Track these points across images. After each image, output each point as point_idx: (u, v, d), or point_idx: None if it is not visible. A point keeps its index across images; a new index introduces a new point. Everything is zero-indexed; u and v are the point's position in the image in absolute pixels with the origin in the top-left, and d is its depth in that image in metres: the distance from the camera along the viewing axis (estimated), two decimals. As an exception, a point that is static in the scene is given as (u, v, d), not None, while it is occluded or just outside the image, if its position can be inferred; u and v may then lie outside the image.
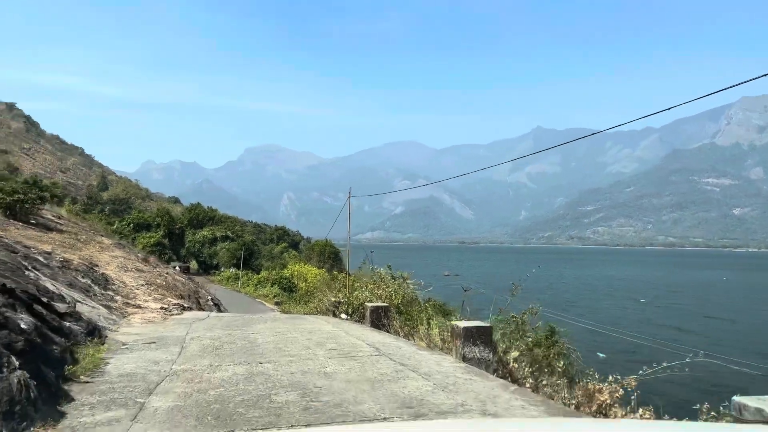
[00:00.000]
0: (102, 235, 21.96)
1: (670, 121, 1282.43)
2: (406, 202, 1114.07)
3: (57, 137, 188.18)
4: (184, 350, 7.34)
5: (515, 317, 8.05)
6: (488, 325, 6.69)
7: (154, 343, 7.89)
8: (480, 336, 6.41)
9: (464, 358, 6.41)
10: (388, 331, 10.31)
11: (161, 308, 13.25)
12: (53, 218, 21.85)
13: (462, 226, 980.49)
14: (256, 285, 55.78)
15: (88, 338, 7.24)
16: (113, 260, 17.04)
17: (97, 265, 15.15)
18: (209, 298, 22.65)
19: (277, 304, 39.97)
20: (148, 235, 64.92)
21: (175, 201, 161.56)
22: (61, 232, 18.92)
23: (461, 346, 6.44)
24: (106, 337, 7.94)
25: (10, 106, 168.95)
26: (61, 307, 7.45)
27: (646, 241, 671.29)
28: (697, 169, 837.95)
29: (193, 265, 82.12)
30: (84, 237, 19.37)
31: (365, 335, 9.21)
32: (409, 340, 9.35)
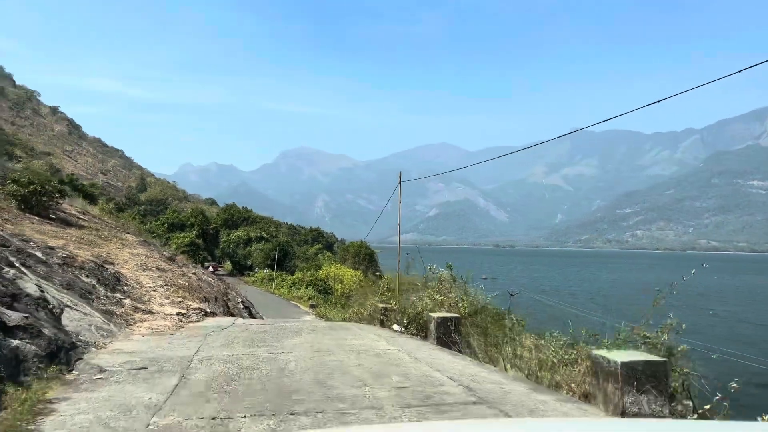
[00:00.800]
0: (128, 233, 20.30)
1: (712, 122, 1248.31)
2: (439, 205, 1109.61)
3: (98, 140, 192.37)
4: (182, 384, 5.02)
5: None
6: (662, 360, 4.12)
7: (145, 368, 5.62)
8: (650, 378, 3.90)
9: (623, 413, 3.89)
10: (460, 350, 7.84)
11: (177, 314, 11.25)
12: (77, 214, 20.20)
13: (496, 228, 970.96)
14: (291, 286, 54.11)
15: (46, 363, 5.01)
16: (133, 258, 15.24)
17: (111, 263, 13.29)
18: (239, 300, 21.08)
19: (312, 306, 38.02)
20: (182, 235, 64.23)
21: (212, 203, 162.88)
22: (81, 227, 17.24)
23: (618, 392, 3.93)
24: (80, 359, 5.69)
25: (54, 110, 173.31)
26: (12, 318, 5.25)
27: (687, 245, 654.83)
28: (741, 171, 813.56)
29: (227, 265, 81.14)
30: (106, 233, 17.67)
31: (438, 360, 6.79)
32: (493, 366, 6.86)
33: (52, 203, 18.17)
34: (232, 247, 71.83)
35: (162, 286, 13.29)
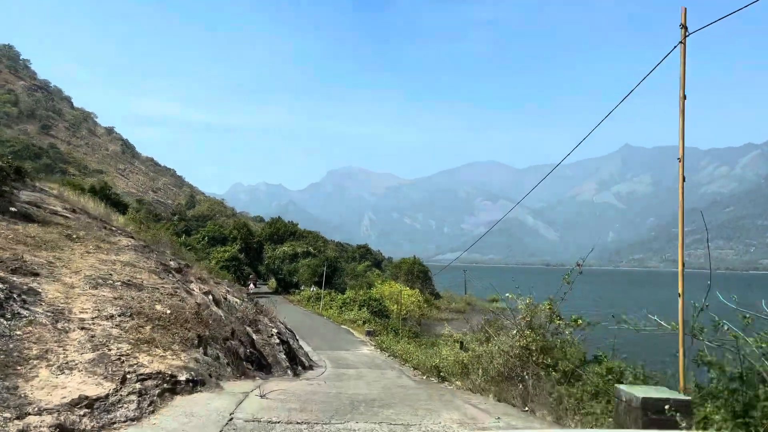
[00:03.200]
0: (125, 235, 15.62)
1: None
2: (487, 223, 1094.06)
3: (151, 159, 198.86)
4: None
5: None
6: None
7: None
8: None
9: None
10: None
11: (83, 401, 5.54)
12: (62, 210, 15.41)
13: (546, 247, 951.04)
14: (341, 307, 48.32)
15: None
16: (95, 267, 10.62)
17: (35, 274, 8.85)
18: (273, 333, 16.02)
19: (369, 334, 32.58)
20: (222, 249, 61.64)
21: (260, 220, 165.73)
22: (48, 224, 12.81)
23: None
24: None
25: (109, 130, 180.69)
26: None
27: (749, 265, 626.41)
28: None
29: (272, 283, 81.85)
30: (83, 233, 13.09)
31: None
32: None
33: (6, 188, 13.59)
34: (277, 263, 71.65)
35: (113, 316, 8.21)
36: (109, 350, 7.05)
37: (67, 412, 5.29)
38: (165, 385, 6.69)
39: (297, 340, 20.26)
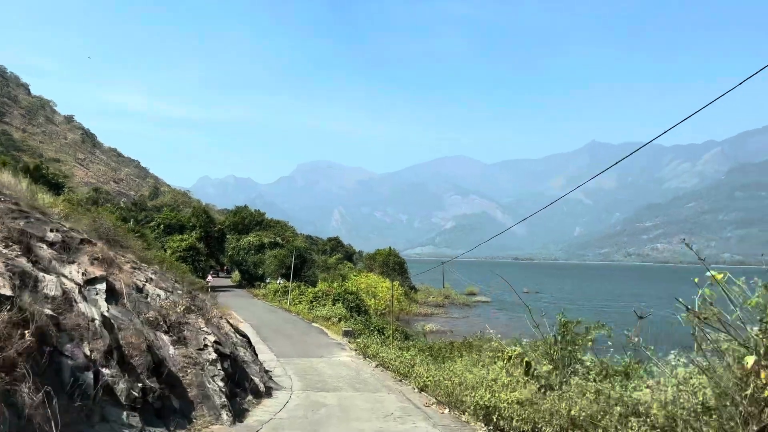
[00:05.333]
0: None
1: (734, 134, 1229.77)
2: (456, 218, 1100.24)
3: (114, 150, 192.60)
4: None
5: None
6: None
7: None
8: None
9: None
10: None
11: None
12: None
13: (514, 242, 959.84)
14: (312, 302, 42.61)
15: None
16: None
17: None
18: (209, 342, 11.12)
19: (347, 334, 27.56)
20: (179, 238, 55.94)
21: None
22: None
23: None
24: None
25: (69, 119, 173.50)
26: None
27: (710, 259, 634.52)
28: (764, 184, 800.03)
29: (236, 275, 76.06)
30: None
31: None
32: None
33: None
34: (241, 254, 66.16)
35: None
36: None
37: None
38: None
39: (252, 348, 14.88)
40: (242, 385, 11.04)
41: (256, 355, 15.24)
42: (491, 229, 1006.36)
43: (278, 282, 54.32)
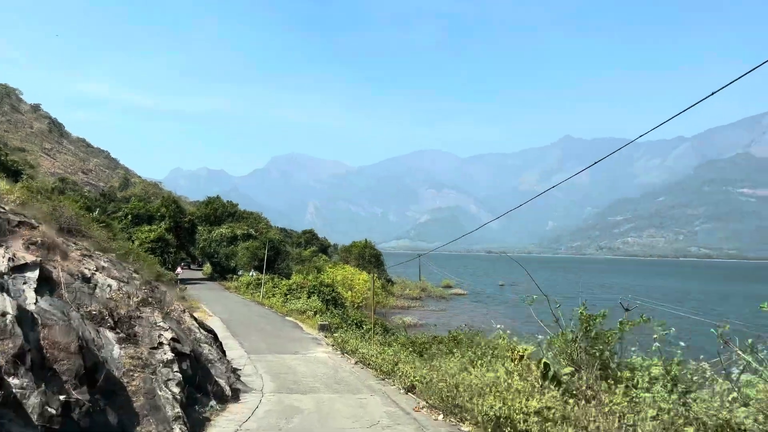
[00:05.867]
0: None
1: (702, 130, 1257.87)
2: (431, 211, 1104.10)
3: (83, 140, 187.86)
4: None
5: None
6: None
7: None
8: None
9: None
10: None
11: None
12: None
13: (488, 235, 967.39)
14: (286, 294, 40.57)
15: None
16: None
17: None
18: (165, 340, 9.61)
19: (323, 328, 25.86)
20: (147, 229, 53.80)
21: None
22: None
23: None
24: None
25: (35, 108, 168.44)
26: None
27: (679, 252, 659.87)
28: (731, 180, 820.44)
29: (207, 268, 73.93)
30: None
31: None
32: None
33: None
34: (213, 246, 64.12)
35: None
36: None
37: None
38: None
39: (219, 344, 13.37)
40: (204, 389, 9.61)
41: (224, 352, 13.77)
42: (466, 223, 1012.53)
43: (251, 274, 52.65)
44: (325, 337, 23.13)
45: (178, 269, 54.10)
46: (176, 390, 7.96)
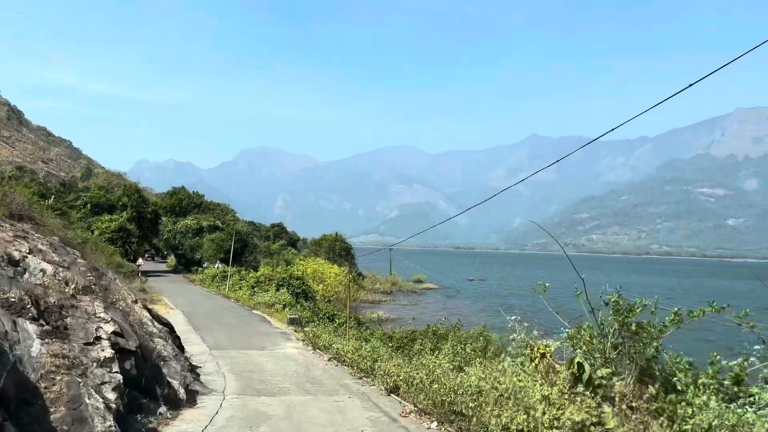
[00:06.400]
0: None
1: (664, 131, 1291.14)
2: (401, 207, 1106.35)
3: (44, 129, 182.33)
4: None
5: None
6: None
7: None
8: None
9: None
10: None
11: None
12: None
13: (457, 231, 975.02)
14: (253, 287, 39.31)
15: None
16: None
17: None
18: (104, 333, 7.96)
19: (293, 322, 24.25)
20: (108, 218, 51.47)
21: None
22: None
23: None
24: None
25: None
26: None
27: (641, 250, 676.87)
28: (691, 180, 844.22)
29: (171, 260, 71.61)
30: None
31: None
32: None
33: None
34: (178, 237, 61.90)
35: None
36: None
37: None
38: None
39: (176, 339, 11.84)
40: (152, 393, 8.07)
41: (182, 348, 12.25)
42: (435, 219, 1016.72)
43: (216, 266, 50.78)
44: (295, 331, 21.78)
45: (140, 260, 52.03)
46: (112, 396, 6.45)
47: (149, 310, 11.60)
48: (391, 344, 16.81)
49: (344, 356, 14.92)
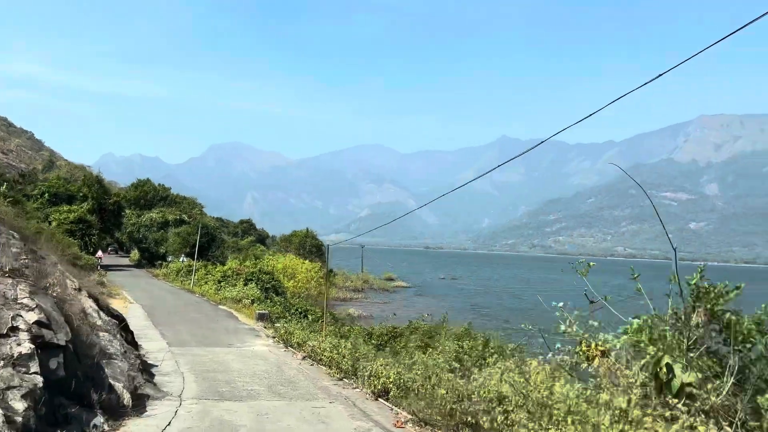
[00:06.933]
0: None
1: (631, 135, 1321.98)
2: (371, 206, 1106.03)
3: (4, 119, 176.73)
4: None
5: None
6: None
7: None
8: None
9: None
10: None
11: None
12: None
13: (426, 231, 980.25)
14: (220, 281, 37.66)
15: None
16: None
17: None
18: (22, 324, 6.36)
19: (262, 318, 22.81)
20: (67, 209, 49.00)
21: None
22: None
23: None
24: None
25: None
26: None
27: (606, 252, 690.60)
28: (655, 184, 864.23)
29: (134, 254, 69.02)
30: None
31: None
32: None
33: None
34: (142, 231, 59.42)
35: None
36: None
37: None
38: None
39: (126, 334, 10.21)
40: (86, 398, 6.44)
41: (135, 344, 10.60)
42: (405, 218, 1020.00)
43: (181, 260, 48.60)
44: (265, 327, 20.28)
45: (99, 253, 49.56)
46: (20, 405, 4.83)
47: (97, 300, 9.93)
48: (372, 341, 15.34)
49: (320, 354, 13.45)
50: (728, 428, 4.15)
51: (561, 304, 6.39)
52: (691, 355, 4.97)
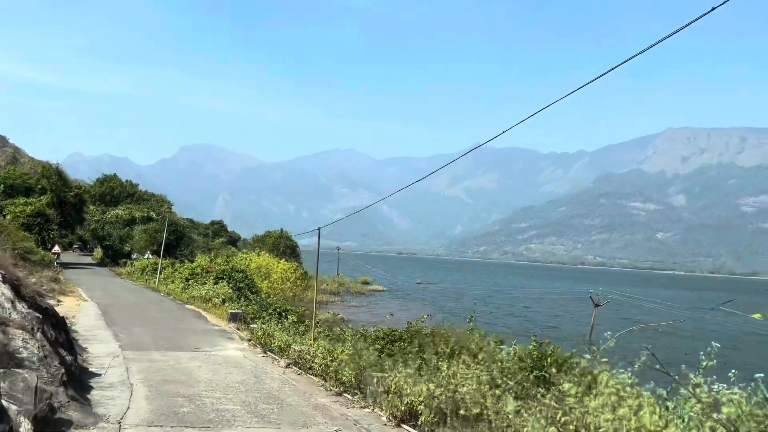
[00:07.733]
0: None
1: (602, 146, 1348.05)
2: (344, 210, 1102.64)
3: None
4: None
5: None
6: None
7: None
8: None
9: None
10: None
11: None
12: None
13: (399, 236, 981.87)
14: (187, 280, 35.18)
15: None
16: None
17: None
18: None
19: (234, 318, 20.85)
20: (23, 201, 46.20)
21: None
22: None
23: None
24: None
25: None
26: None
27: (576, 260, 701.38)
28: (624, 194, 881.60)
29: (98, 252, 65.48)
30: None
31: None
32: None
33: None
34: (107, 228, 56.16)
35: None
36: None
37: None
38: None
39: (62, 332, 7.70)
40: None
41: (70, 346, 8.02)
42: (377, 223, 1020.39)
43: (146, 257, 45.55)
44: (239, 329, 17.61)
45: (56, 248, 46.29)
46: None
47: (17, 287, 7.34)
48: (376, 345, 12.91)
49: (310, 361, 10.93)
50: None
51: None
52: None
